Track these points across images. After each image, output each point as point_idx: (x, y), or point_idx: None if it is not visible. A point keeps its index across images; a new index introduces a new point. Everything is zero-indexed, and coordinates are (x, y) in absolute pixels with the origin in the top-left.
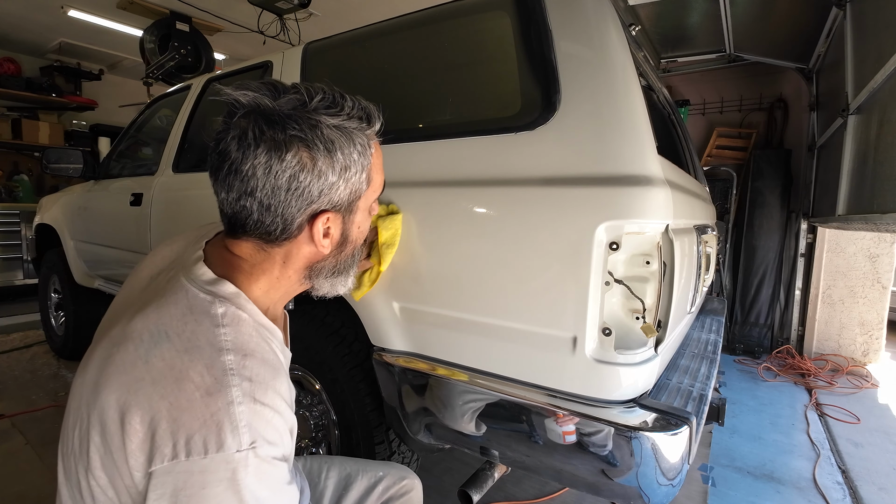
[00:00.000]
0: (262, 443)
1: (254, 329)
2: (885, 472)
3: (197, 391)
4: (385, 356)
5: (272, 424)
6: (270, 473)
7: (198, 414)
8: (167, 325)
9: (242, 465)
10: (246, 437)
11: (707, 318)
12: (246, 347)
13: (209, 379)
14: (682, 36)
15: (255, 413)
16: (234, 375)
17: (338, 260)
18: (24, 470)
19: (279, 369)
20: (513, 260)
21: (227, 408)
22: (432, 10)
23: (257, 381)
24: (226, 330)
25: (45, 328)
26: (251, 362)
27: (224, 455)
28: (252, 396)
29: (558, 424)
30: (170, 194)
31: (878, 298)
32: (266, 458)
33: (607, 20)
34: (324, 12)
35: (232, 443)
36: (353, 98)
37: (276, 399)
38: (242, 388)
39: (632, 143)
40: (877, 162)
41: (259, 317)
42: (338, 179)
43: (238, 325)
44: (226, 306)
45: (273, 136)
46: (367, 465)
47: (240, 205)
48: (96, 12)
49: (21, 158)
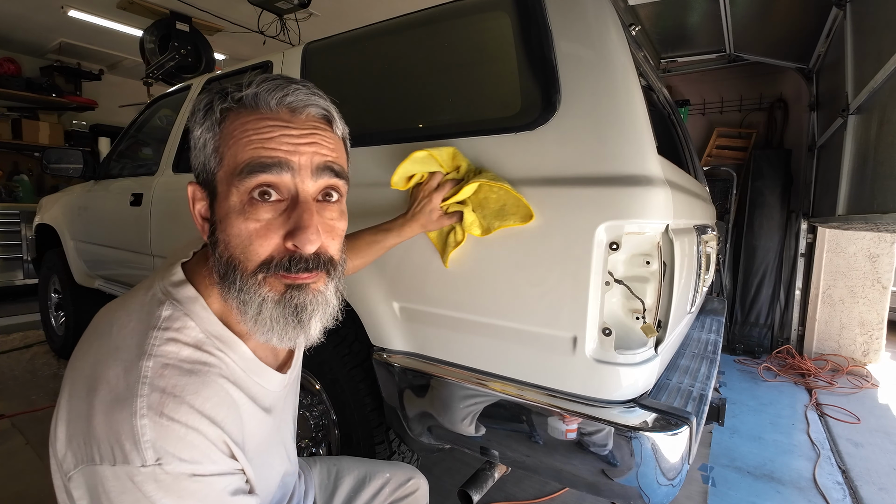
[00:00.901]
0: (172, 459)
1: (196, 339)
2: (885, 472)
3: (108, 395)
4: (385, 356)
5: (185, 441)
6: (193, 489)
7: (105, 420)
8: (118, 317)
9: (150, 480)
10: (150, 454)
11: (707, 318)
12: (172, 356)
13: (122, 385)
14: (682, 36)
15: (161, 428)
16: (145, 385)
17: (217, 258)
18: (23, 470)
19: (212, 384)
20: (513, 260)
21: (129, 419)
22: (432, 10)
23: (170, 394)
24: (158, 333)
25: (45, 328)
26: (171, 372)
27: (129, 469)
28: (159, 411)
29: (560, 421)
30: (170, 194)
31: (878, 298)
32: (180, 475)
33: (607, 20)
34: (324, 12)
35: (135, 458)
36: (280, 75)
37: (191, 415)
38: (150, 400)
39: (632, 143)
40: (877, 162)
41: (213, 325)
42: (194, 146)
43: (177, 332)
44: (174, 309)
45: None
46: (375, 465)
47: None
48: (96, 12)
49: (21, 158)
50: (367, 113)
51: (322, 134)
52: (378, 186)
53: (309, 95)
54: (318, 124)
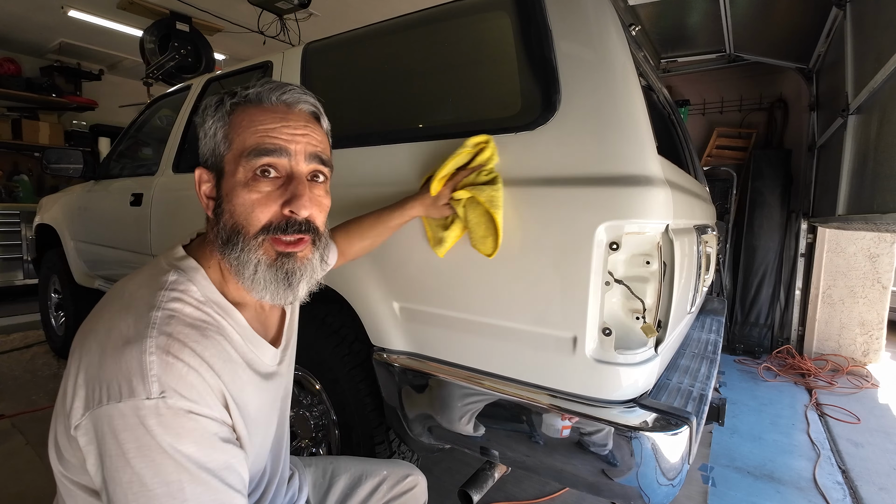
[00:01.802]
0: (173, 394)
1: (198, 300)
2: (885, 472)
3: (120, 339)
4: (385, 356)
5: (185, 380)
6: (189, 427)
7: (116, 360)
8: (128, 288)
9: (152, 413)
10: (155, 387)
11: (707, 318)
12: (179, 310)
13: (132, 330)
14: (682, 36)
15: (166, 364)
16: (153, 328)
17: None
18: (23, 470)
19: (212, 338)
20: (513, 260)
21: (139, 356)
22: (432, 10)
23: (175, 338)
24: (165, 293)
25: (45, 328)
26: (176, 322)
27: (135, 402)
28: (166, 349)
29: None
30: (170, 194)
31: (878, 298)
32: (179, 410)
33: (607, 20)
34: (324, 12)
35: (141, 389)
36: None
37: (193, 357)
38: (158, 342)
39: (632, 143)
40: (877, 162)
41: (212, 293)
42: (203, 135)
43: (181, 292)
44: (179, 275)
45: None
46: (372, 464)
47: None
48: (96, 12)
49: (21, 158)
50: (368, 113)
51: (312, 128)
52: (378, 186)
53: (301, 94)
54: (309, 121)
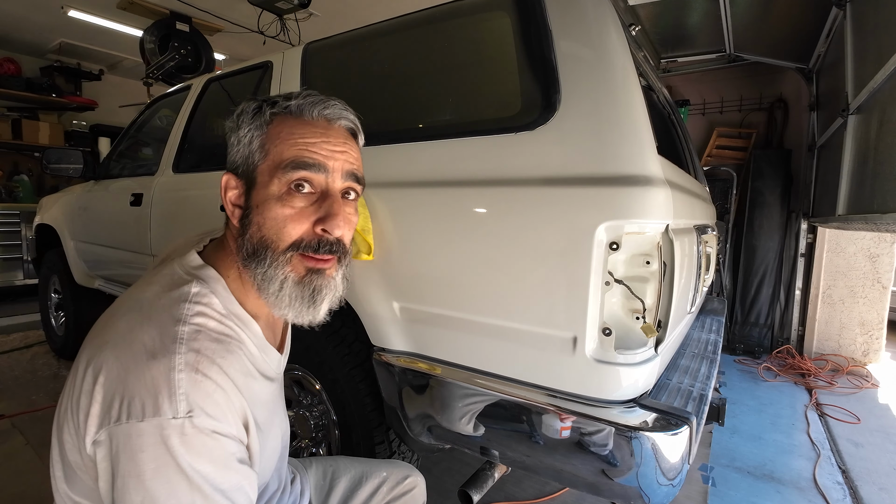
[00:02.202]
0: (200, 413)
1: (221, 313)
2: (885, 472)
3: (144, 353)
4: (385, 356)
5: (212, 398)
6: (210, 447)
7: (140, 376)
8: (145, 297)
9: (177, 433)
10: (183, 405)
11: (707, 318)
12: (204, 324)
13: (158, 344)
14: (682, 36)
15: (194, 383)
16: (182, 344)
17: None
18: (23, 470)
19: (235, 352)
20: (513, 260)
21: (167, 373)
22: (432, 10)
23: (204, 354)
24: (190, 305)
25: (46, 328)
26: (203, 337)
27: (159, 420)
28: (195, 367)
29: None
30: (170, 194)
31: (878, 298)
32: (204, 429)
33: (607, 20)
34: (324, 12)
35: (168, 409)
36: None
37: (220, 375)
38: (186, 358)
39: (632, 143)
40: (877, 162)
41: (233, 305)
42: (236, 141)
43: (205, 305)
44: (201, 286)
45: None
46: (372, 465)
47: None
48: (96, 12)
49: (21, 158)
50: (368, 113)
51: (350, 146)
52: (378, 187)
53: (342, 111)
54: (348, 138)
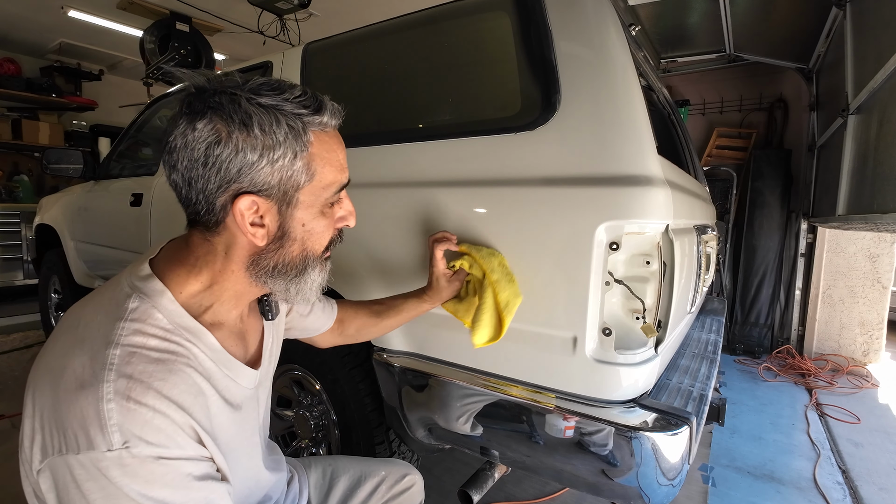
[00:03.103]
0: (138, 442)
1: (164, 329)
2: (885, 472)
3: (73, 383)
4: (385, 356)
5: (151, 424)
6: (159, 472)
7: (71, 408)
8: (84, 314)
9: (115, 465)
10: (116, 437)
11: (707, 318)
12: (140, 344)
13: (88, 372)
14: (682, 36)
15: (127, 412)
16: (111, 371)
17: (281, 257)
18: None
19: (179, 372)
20: (513, 260)
21: (95, 404)
22: (432, 10)
23: (137, 380)
24: (126, 325)
25: (46, 328)
26: (138, 359)
27: (95, 455)
28: (125, 395)
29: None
30: (170, 195)
31: (878, 298)
32: (146, 458)
33: (607, 20)
34: (324, 12)
35: (101, 442)
36: (309, 90)
37: (158, 400)
38: (116, 386)
39: (632, 143)
40: (877, 162)
41: (181, 317)
42: (259, 159)
43: (143, 322)
44: (140, 301)
45: (192, 107)
46: (370, 464)
47: (172, 181)
48: (96, 12)
49: (21, 159)
50: (368, 113)
51: None
52: (378, 187)
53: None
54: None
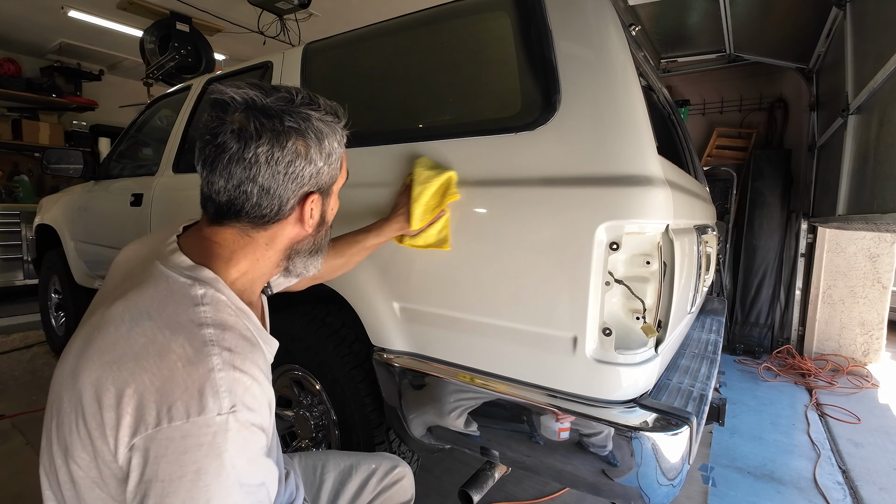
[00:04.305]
0: (242, 408)
1: (234, 309)
2: (885, 472)
3: (179, 361)
4: (385, 356)
5: (251, 392)
6: (250, 441)
7: (180, 382)
8: (148, 306)
9: (223, 429)
10: (226, 401)
11: (707, 318)
12: (225, 323)
13: (190, 350)
14: (682, 36)
15: (234, 380)
16: (214, 345)
17: (315, 239)
18: (23, 470)
19: (256, 346)
20: (513, 260)
21: (208, 374)
22: (432, 10)
23: (236, 352)
24: (205, 308)
25: (46, 328)
26: (230, 335)
27: (205, 418)
28: (231, 364)
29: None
30: (170, 195)
31: (878, 298)
32: (246, 423)
33: (607, 20)
34: (324, 13)
35: (213, 406)
36: (321, 98)
37: (254, 369)
38: (223, 357)
39: (632, 143)
40: (877, 162)
41: (236, 300)
42: (324, 165)
43: (217, 304)
44: (205, 288)
45: (273, 128)
46: (360, 458)
47: (240, 190)
48: (96, 13)
49: (21, 159)
50: (368, 113)
51: None
52: (378, 187)
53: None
54: None
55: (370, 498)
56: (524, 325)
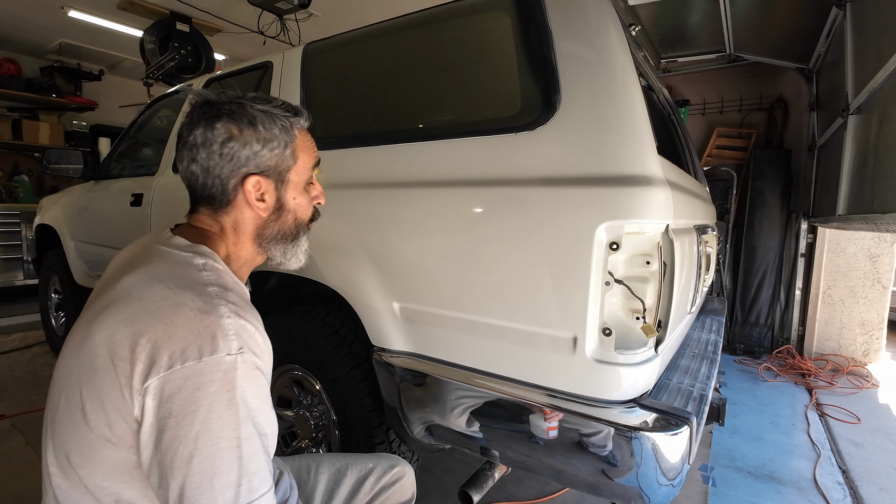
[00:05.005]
0: (248, 350)
1: (229, 276)
2: (885, 472)
3: (191, 312)
4: (385, 356)
5: (254, 339)
6: (257, 381)
7: (192, 328)
8: (158, 272)
9: (232, 367)
10: (235, 343)
11: (707, 318)
12: (226, 284)
13: (201, 303)
14: (682, 36)
15: (241, 326)
16: (220, 299)
17: (281, 226)
18: (23, 470)
19: (253, 307)
20: (513, 260)
21: (218, 320)
22: (432, 11)
23: (239, 305)
24: (206, 273)
25: (46, 328)
26: (231, 294)
27: (217, 357)
28: (237, 314)
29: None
30: (170, 195)
31: (878, 298)
32: (252, 364)
33: (607, 20)
34: (324, 13)
35: (224, 346)
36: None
37: (255, 321)
38: (229, 307)
39: (632, 143)
40: (877, 162)
41: (229, 273)
42: (262, 148)
43: (217, 271)
44: (205, 259)
45: (208, 113)
46: (356, 458)
47: (189, 171)
48: (96, 13)
49: (21, 159)
50: (368, 113)
51: None
52: (378, 187)
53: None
54: None
55: (368, 498)
56: (524, 324)
